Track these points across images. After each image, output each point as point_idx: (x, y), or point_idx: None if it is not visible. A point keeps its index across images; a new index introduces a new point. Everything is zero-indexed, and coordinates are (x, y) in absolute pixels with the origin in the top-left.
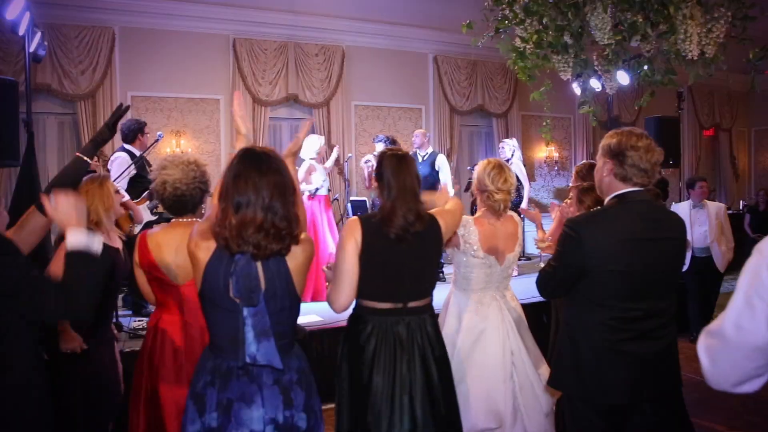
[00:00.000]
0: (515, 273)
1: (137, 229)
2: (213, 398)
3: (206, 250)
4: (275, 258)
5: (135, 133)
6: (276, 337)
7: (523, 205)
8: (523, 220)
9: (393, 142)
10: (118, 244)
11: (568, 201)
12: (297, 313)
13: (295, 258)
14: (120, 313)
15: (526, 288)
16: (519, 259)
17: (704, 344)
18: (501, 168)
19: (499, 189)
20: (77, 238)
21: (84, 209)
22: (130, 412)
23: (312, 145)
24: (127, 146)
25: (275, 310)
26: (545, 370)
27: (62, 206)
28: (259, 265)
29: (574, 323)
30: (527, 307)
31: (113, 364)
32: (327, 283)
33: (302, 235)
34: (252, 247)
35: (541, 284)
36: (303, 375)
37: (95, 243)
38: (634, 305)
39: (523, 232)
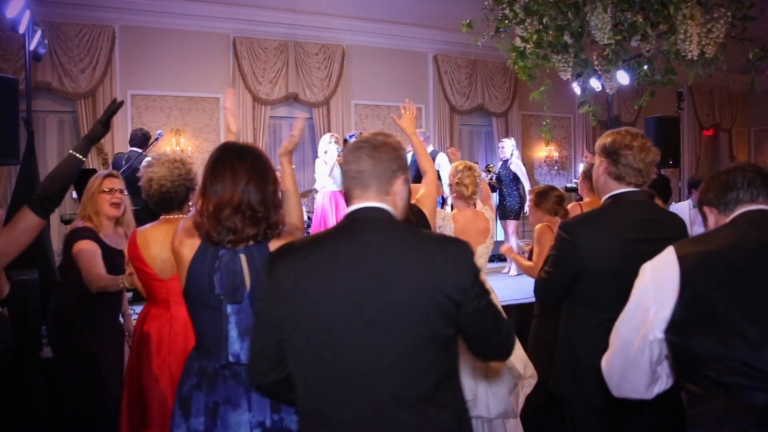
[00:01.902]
0: (514, 273)
1: None
2: (200, 402)
3: (190, 247)
4: (260, 253)
5: (147, 138)
6: None
7: (527, 206)
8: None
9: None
10: (121, 245)
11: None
12: None
13: None
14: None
15: (522, 288)
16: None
17: (605, 354)
18: (468, 164)
19: (467, 176)
20: None
21: None
22: (122, 406)
23: (323, 143)
24: (138, 150)
25: None
26: (520, 353)
27: None
28: (244, 261)
29: (570, 326)
30: (524, 307)
31: (118, 359)
32: None
33: (290, 229)
34: (229, 232)
35: (540, 292)
36: None
37: None
38: (624, 307)
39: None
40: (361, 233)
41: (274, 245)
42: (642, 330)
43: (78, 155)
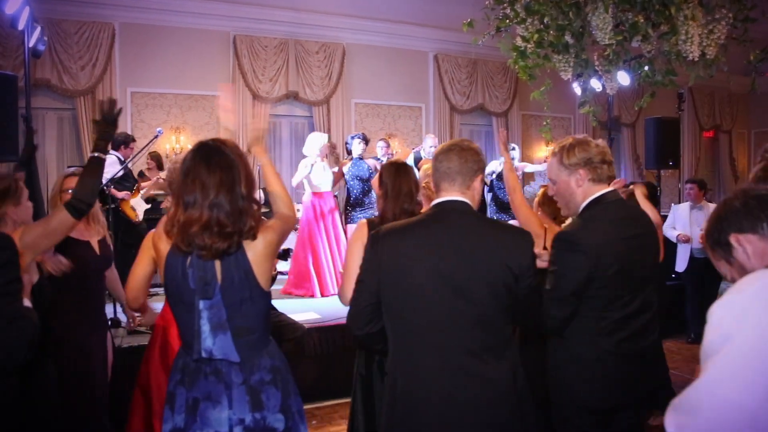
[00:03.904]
0: None
1: (141, 215)
2: (182, 397)
3: (167, 242)
4: (234, 253)
5: (120, 143)
6: (243, 333)
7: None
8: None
9: (366, 139)
10: (87, 236)
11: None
12: (263, 305)
13: (254, 246)
14: (119, 308)
15: None
16: None
17: (674, 422)
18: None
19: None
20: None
21: None
22: (133, 408)
23: (314, 142)
24: (112, 152)
25: (234, 301)
26: None
27: None
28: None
29: (567, 334)
30: None
31: (101, 352)
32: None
33: (269, 222)
34: (199, 248)
35: (552, 321)
36: (278, 374)
37: None
38: (629, 303)
39: None
40: (448, 220)
41: (249, 244)
42: None
43: (101, 156)
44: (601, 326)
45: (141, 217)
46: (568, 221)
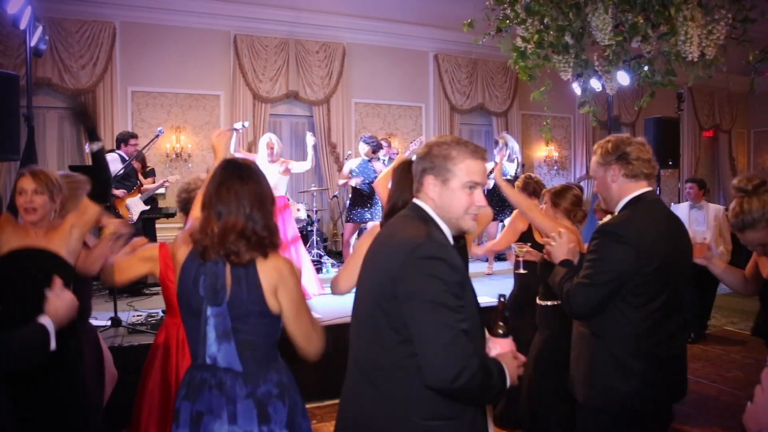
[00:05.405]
0: (489, 271)
1: (135, 216)
2: (186, 411)
3: (185, 251)
4: (244, 265)
5: (121, 141)
6: (247, 347)
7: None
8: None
9: (378, 144)
10: (90, 241)
11: (543, 207)
12: (269, 325)
13: (266, 271)
14: (119, 308)
15: (505, 288)
16: (495, 260)
17: None
18: None
19: None
20: (50, 326)
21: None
22: (143, 408)
23: (261, 141)
24: (116, 150)
25: (240, 314)
26: None
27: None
28: (227, 267)
29: (605, 333)
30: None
31: (97, 353)
32: None
33: (278, 254)
34: (232, 254)
35: (582, 303)
36: (285, 390)
37: (53, 340)
38: (668, 302)
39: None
40: (390, 222)
41: (261, 264)
42: None
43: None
44: (642, 326)
45: (135, 217)
46: (606, 218)
